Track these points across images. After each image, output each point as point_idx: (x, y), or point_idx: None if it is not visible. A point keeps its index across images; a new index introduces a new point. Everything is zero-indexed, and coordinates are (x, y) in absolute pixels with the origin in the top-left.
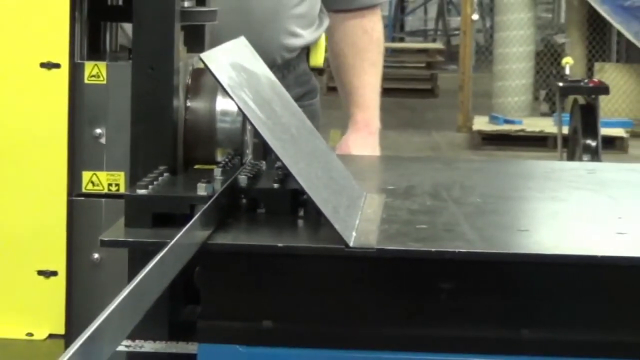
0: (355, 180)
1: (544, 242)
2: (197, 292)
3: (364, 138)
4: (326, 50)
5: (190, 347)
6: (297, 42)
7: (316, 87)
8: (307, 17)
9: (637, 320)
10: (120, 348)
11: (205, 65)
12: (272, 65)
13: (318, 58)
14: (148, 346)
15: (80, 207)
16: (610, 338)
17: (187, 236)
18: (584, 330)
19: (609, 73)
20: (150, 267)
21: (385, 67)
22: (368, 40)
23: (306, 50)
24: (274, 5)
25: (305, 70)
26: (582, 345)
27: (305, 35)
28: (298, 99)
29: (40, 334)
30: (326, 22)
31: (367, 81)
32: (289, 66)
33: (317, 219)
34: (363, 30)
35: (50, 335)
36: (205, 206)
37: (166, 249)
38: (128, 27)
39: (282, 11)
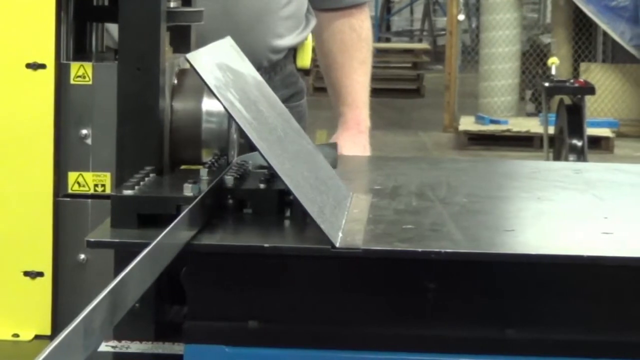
0: (342, 180)
1: (529, 242)
2: (183, 293)
3: (354, 137)
4: (313, 51)
5: (177, 348)
6: (284, 44)
7: (303, 88)
8: (293, 19)
9: (623, 320)
10: (107, 349)
11: (191, 65)
12: (259, 67)
13: (305, 59)
14: (134, 347)
15: (66, 207)
16: (596, 338)
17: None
18: (569, 330)
19: (595, 73)
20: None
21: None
22: (356, 38)
23: (293, 52)
24: (260, 6)
25: (292, 71)
26: (568, 345)
27: (292, 37)
28: (285, 100)
29: (26, 335)
30: (313, 23)
31: (357, 79)
32: (275, 68)
33: (303, 219)
34: (351, 28)
35: (37, 336)
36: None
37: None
38: (112, 28)
39: (269, 13)
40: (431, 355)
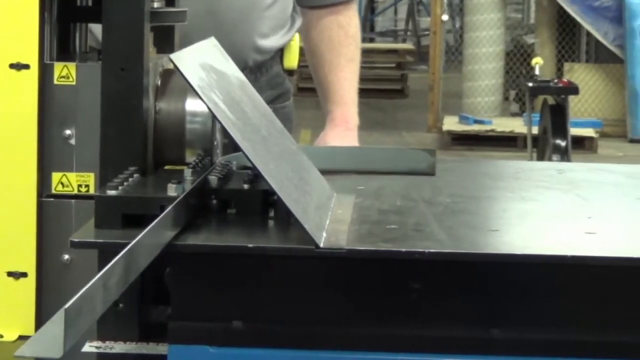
0: (326, 180)
1: (513, 242)
2: (167, 293)
3: (342, 134)
4: (300, 52)
5: (161, 348)
6: (269, 44)
7: (289, 89)
8: (279, 19)
9: (606, 320)
10: (91, 349)
11: (175, 65)
12: (244, 68)
13: (292, 60)
14: (118, 347)
15: (50, 208)
16: (580, 337)
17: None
18: (553, 329)
19: (579, 73)
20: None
21: None
22: (344, 35)
23: (279, 53)
24: (244, 6)
25: (278, 72)
26: (552, 345)
27: (278, 37)
28: (271, 101)
29: (10, 336)
30: (298, 23)
31: (344, 77)
32: (261, 68)
33: (287, 219)
34: (339, 25)
35: (20, 337)
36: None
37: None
38: (96, 29)
39: (253, 12)
40: (415, 355)
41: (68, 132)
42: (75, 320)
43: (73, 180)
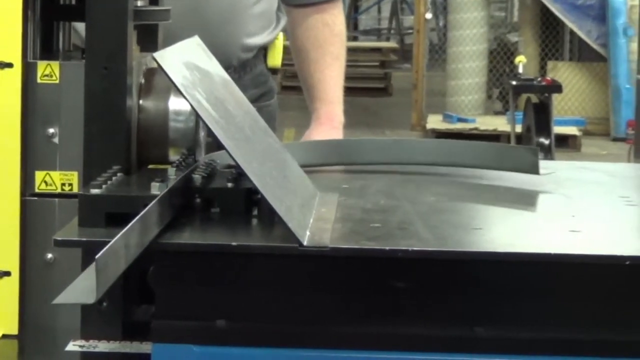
0: (310, 179)
1: (497, 240)
2: (151, 292)
3: (328, 132)
4: (284, 51)
5: (144, 347)
6: (254, 42)
7: (273, 88)
8: (264, 17)
9: (591, 318)
10: (74, 348)
11: (159, 64)
12: (229, 66)
13: (276, 58)
14: (102, 346)
15: (33, 207)
16: (563, 335)
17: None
18: (537, 328)
19: (562, 71)
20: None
21: None
22: (329, 34)
23: (263, 51)
24: (229, 4)
25: (262, 71)
26: (536, 343)
27: (263, 36)
28: (255, 100)
29: None
30: (283, 22)
31: (330, 75)
32: (245, 67)
33: (271, 218)
34: (324, 24)
35: (4, 336)
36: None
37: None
38: (80, 27)
39: (239, 11)
40: (400, 353)
41: (51, 130)
42: (104, 271)
43: (56, 179)
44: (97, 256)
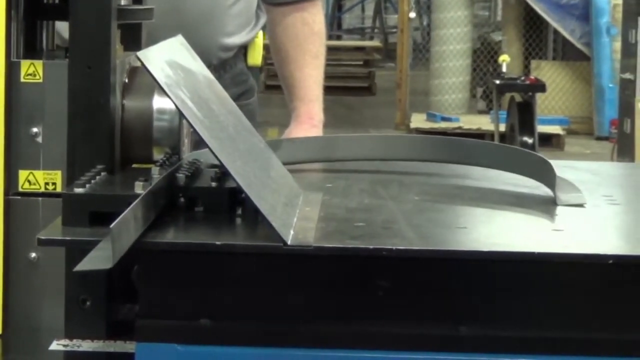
0: (294, 178)
1: (481, 239)
2: (134, 291)
3: (307, 131)
4: (264, 49)
5: (128, 346)
6: (234, 42)
7: (253, 86)
8: (243, 16)
9: (574, 316)
10: (58, 347)
11: (142, 63)
12: (208, 65)
13: (256, 57)
14: (86, 345)
15: (16, 206)
16: (547, 334)
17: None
18: (521, 326)
19: (546, 71)
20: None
21: None
22: (309, 32)
23: (243, 50)
24: (209, 4)
25: (242, 69)
26: (520, 342)
27: (242, 35)
28: (235, 98)
29: None
30: (262, 20)
31: (309, 73)
32: (225, 66)
33: (255, 217)
34: (304, 22)
35: None
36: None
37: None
38: (62, 28)
39: (218, 10)
40: (384, 352)
41: (35, 130)
42: (118, 239)
43: (40, 178)
44: (112, 226)
